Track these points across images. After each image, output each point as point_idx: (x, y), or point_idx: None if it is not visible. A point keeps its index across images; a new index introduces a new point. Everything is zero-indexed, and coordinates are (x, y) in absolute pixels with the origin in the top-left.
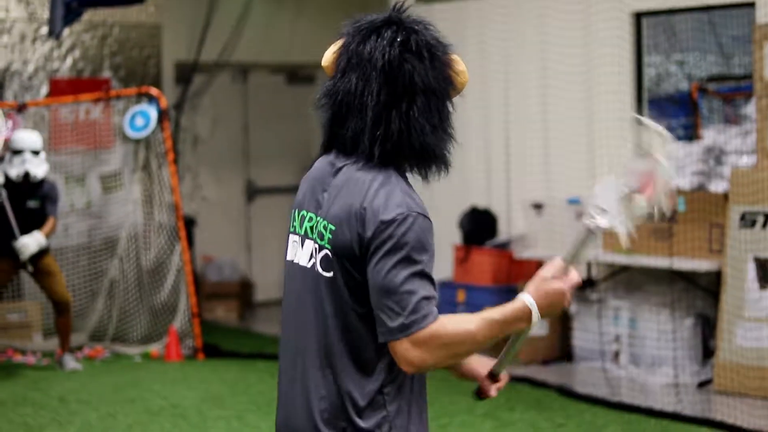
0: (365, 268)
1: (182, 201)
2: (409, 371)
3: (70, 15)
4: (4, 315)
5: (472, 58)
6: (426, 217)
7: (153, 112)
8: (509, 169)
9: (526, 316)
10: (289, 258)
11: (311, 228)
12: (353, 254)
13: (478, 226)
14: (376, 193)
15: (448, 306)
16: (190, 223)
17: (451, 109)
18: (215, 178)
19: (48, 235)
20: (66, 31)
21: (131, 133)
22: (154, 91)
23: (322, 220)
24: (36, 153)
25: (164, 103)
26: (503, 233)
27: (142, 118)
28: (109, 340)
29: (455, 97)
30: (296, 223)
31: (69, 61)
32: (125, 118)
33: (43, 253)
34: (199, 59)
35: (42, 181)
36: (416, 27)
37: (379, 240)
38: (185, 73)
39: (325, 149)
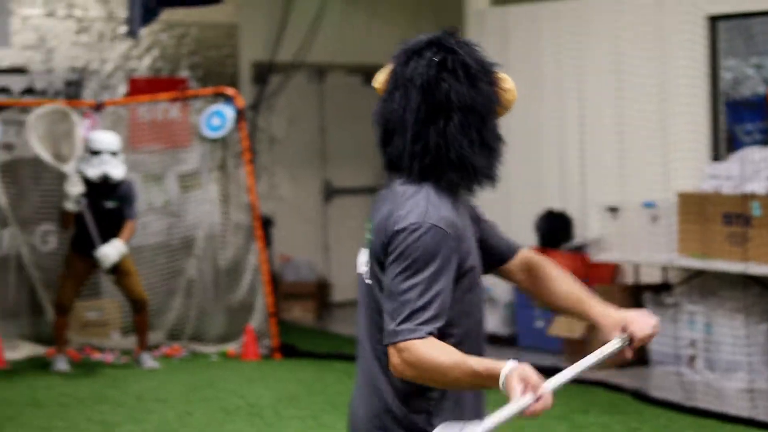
0: None
1: (259, 201)
2: (395, 374)
3: (149, 14)
4: (82, 313)
5: (546, 61)
6: (440, 228)
7: (230, 112)
8: (584, 172)
9: (496, 378)
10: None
11: (367, 238)
12: (382, 262)
13: (554, 228)
14: (402, 204)
15: (525, 308)
16: (267, 223)
17: (494, 125)
18: (291, 178)
19: (127, 241)
20: (144, 31)
21: (208, 133)
22: (230, 90)
23: (369, 230)
24: (114, 154)
25: (241, 103)
26: (578, 236)
27: (218, 118)
28: (186, 339)
29: (503, 114)
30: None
31: (147, 60)
32: (202, 118)
33: None
34: (275, 59)
35: (120, 182)
36: (456, 48)
37: (391, 248)
38: (262, 73)
39: (386, 167)
